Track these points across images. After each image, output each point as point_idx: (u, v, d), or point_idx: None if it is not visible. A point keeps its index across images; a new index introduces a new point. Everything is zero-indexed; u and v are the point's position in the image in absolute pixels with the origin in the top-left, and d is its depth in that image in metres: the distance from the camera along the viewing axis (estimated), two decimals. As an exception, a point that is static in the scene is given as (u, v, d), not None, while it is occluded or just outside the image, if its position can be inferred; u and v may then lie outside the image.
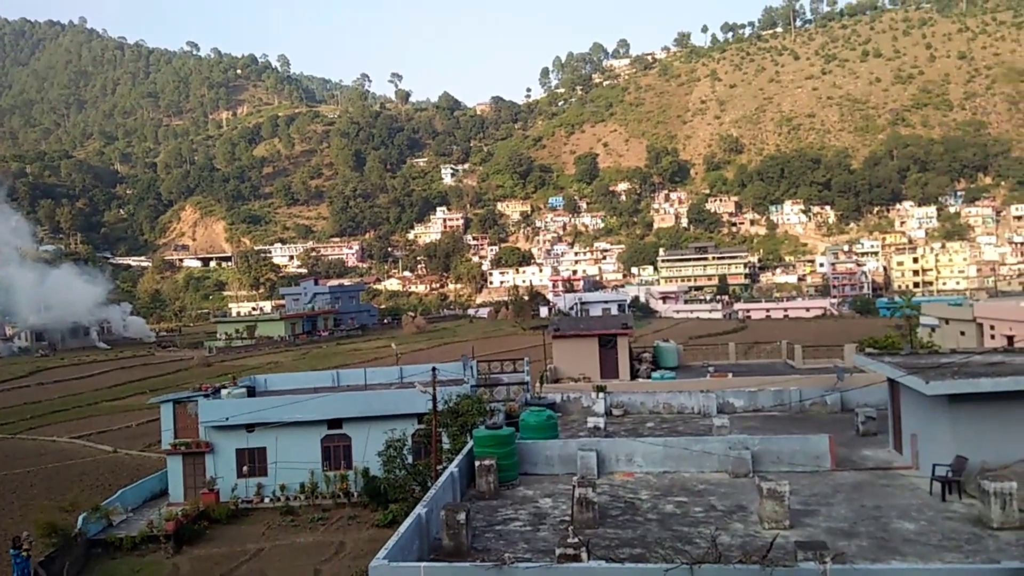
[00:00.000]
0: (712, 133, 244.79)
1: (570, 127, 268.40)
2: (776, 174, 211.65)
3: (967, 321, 60.93)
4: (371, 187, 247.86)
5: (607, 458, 20.27)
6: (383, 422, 34.57)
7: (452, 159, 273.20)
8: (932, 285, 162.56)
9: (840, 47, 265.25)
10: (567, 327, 47.00)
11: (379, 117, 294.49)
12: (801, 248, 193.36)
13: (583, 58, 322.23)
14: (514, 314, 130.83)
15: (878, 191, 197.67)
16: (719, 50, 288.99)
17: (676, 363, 45.99)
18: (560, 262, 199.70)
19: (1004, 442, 16.52)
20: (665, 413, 29.97)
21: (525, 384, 39.07)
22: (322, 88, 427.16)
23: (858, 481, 18.02)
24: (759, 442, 19.93)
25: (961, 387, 16.56)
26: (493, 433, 20.20)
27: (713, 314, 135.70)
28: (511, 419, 25.23)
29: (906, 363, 19.85)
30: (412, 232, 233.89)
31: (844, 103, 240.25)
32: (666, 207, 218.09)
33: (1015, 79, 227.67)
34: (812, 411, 28.36)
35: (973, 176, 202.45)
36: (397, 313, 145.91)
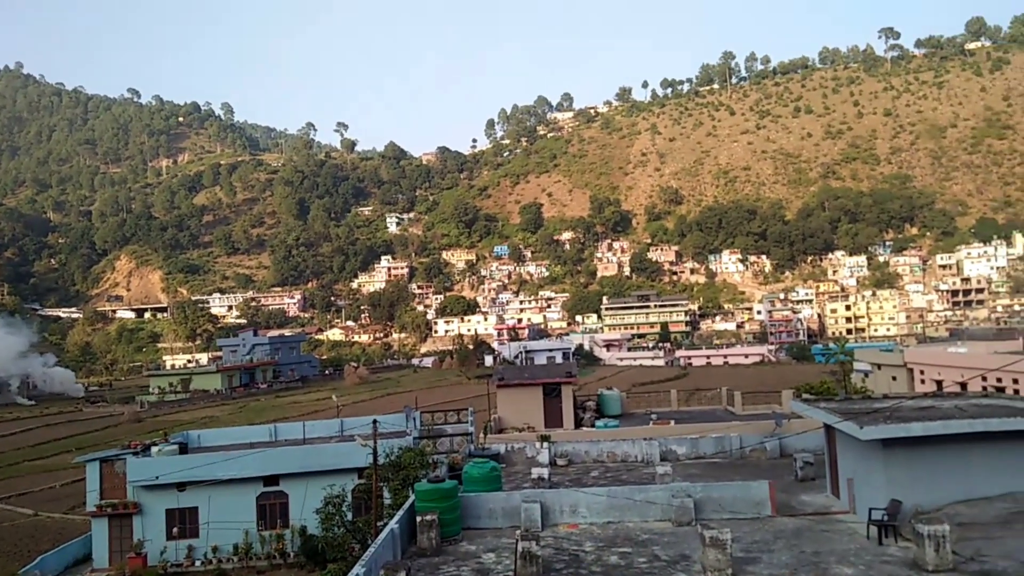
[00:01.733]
0: (653, 184, 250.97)
1: (515, 177, 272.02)
2: (714, 224, 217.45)
3: (898, 367, 62.79)
4: (314, 236, 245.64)
5: (551, 509, 20.00)
6: (322, 477, 33.54)
7: (397, 208, 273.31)
8: (864, 331, 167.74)
9: (773, 103, 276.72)
10: (512, 376, 46.78)
11: (324, 166, 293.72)
12: (739, 296, 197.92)
13: (528, 110, 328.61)
14: (459, 363, 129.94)
15: (811, 241, 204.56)
16: (659, 105, 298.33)
17: (620, 411, 46.10)
18: (505, 310, 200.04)
19: (936, 485, 16.88)
20: (609, 462, 29.85)
21: (469, 435, 38.58)
22: (266, 136, 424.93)
23: (798, 527, 18.13)
24: (701, 490, 19.96)
25: (894, 432, 16.92)
26: (435, 487, 19.75)
27: (656, 361, 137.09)
28: (454, 471, 24.79)
29: (841, 409, 20.24)
30: (356, 281, 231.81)
31: (778, 157, 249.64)
32: (609, 256, 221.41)
33: (937, 135, 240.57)
34: (752, 457, 28.63)
35: (900, 227, 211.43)
36: (339, 363, 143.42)
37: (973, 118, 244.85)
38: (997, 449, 16.96)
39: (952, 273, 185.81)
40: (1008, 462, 16.89)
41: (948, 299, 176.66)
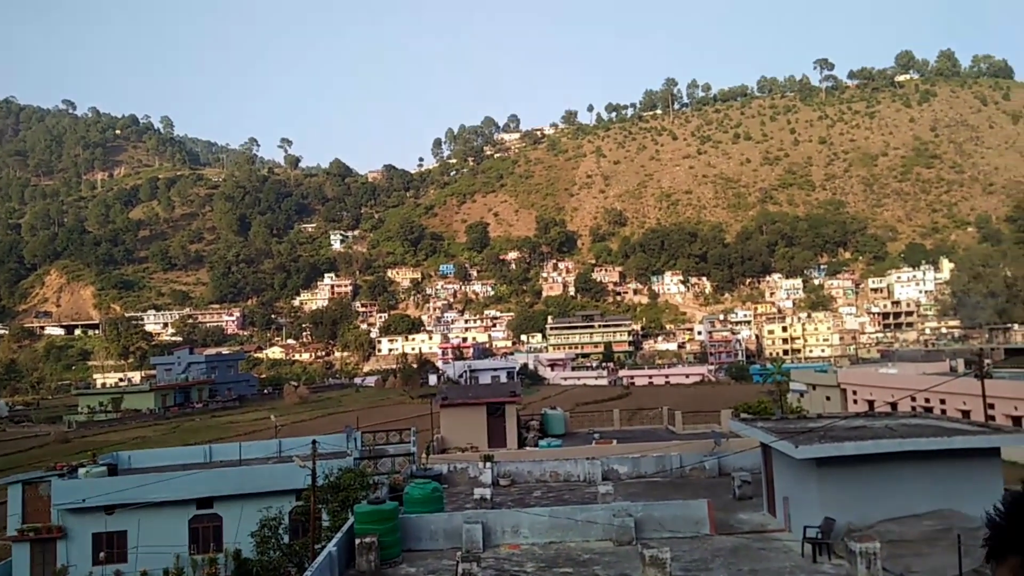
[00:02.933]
0: (597, 206, 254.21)
1: (462, 196, 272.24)
2: (657, 246, 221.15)
3: (832, 387, 64.64)
4: (255, 252, 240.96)
5: (493, 530, 19.86)
6: (258, 500, 32.58)
7: (342, 225, 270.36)
8: (800, 352, 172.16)
9: (714, 129, 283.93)
10: (455, 395, 46.51)
11: (267, 182, 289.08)
12: (681, 317, 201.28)
13: (475, 131, 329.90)
14: (402, 382, 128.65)
15: (750, 264, 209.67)
16: (603, 128, 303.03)
17: (563, 430, 46.22)
18: (450, 329, 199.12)
19: (868, 503, 17.33)
20: (552, 481, 29.85)
21: (411, 455, 38.13)
22: (207, 151, 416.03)
23: (736, 545, 18.38)
24: (642, 509, 20.10)
25: (827, 451, 17.35)
26: (375, 508, 19.46)
27: (599, 380, 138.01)
28: (395, 492, 24.45)
29: (777, 428, 20.68)
30: (298, 299, 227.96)
31: (718, 181, 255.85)
32: (554, 276, 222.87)
33: (868, 163, 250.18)
34: (692, 476, 28.98)
35: (834, 251, 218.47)
36: (279, 383, 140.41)
37: (903, 147, 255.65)
38: (925, 467, 17.53)
39: (883, 296, 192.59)
40: (935, 480, 17.46)
41: (879, 321, 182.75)
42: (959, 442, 17.82)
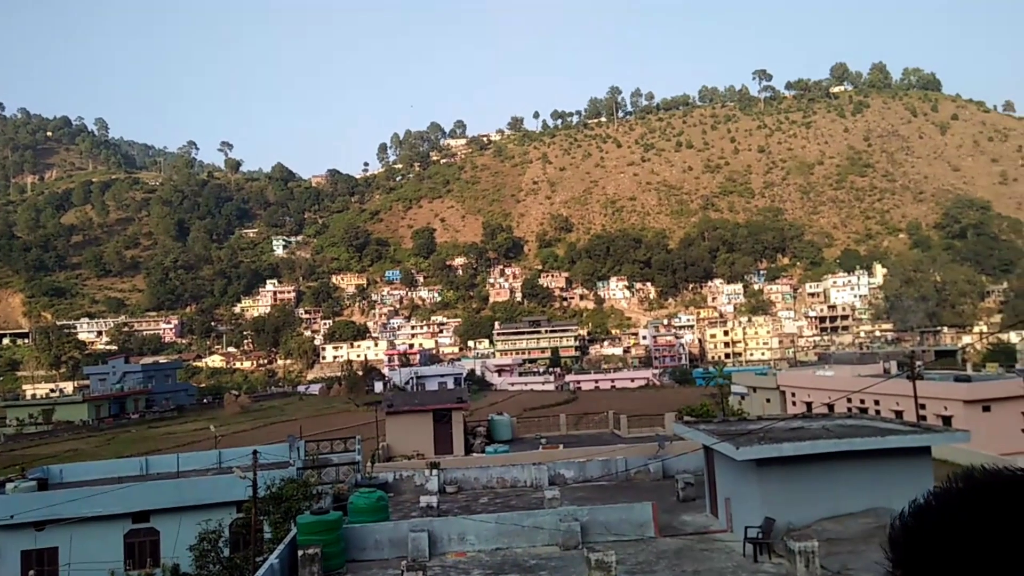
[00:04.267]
0: (544, 212, 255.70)
1: (408, 202, 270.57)
2: (602, 252, 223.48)
3: (772, 389, 66.18)
4: (194, 258, 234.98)
5: (439, 538, 19.72)
6: (197, 512, 31.70)
7: (285, 231, 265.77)
8: (741, 356, 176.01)
9: (657, 138, 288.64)
10: (401, 403, 46.10)
11: (206, 186, 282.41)
12: (626, 322, 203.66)
13: (421, 136, 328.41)
14: (347, 390, 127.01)
15: (692, 269, 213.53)
16: (549, 135, 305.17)
17: (510, 436, 46.24)
18: (396, 336, 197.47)
19: (806, 502, 17.74)
20: (499, 487, 29.80)
21: (356, 464, 37.60)
22: (144, 154, 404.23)
23: (679, 547, 18.61)
24: (587, 513, 20.20)
25: (767, 452, 17.71)
26: (318, 519, 19.12)
27: (546, 386, 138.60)
28: (340, 502, 24.09)
29: (719, 431, 21.03)
30: (239, 305, 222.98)
31: (661, 188, 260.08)
32: (501, 282, 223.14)
33: (805, 171, 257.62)
34: (637, 479, 29.28)
35: (773, 257, 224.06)
36: (219, 392, 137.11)
37: (837, 156, 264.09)
38: (860, 467, 18.04)
39: (820, 301, 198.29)
40: (870, 479, 17.98)
41: (816, 325, 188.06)
42: (892, 442, 18.41)
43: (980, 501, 0.95)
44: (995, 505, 0.95)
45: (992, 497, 0.96)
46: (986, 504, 0.95)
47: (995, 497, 0.96)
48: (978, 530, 0.91)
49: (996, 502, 0.95)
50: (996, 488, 0.98)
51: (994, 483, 0.99)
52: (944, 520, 0.95)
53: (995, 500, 0.96)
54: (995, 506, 0.94)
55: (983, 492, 0.97)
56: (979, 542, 0.89)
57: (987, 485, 0.98)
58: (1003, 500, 0.95)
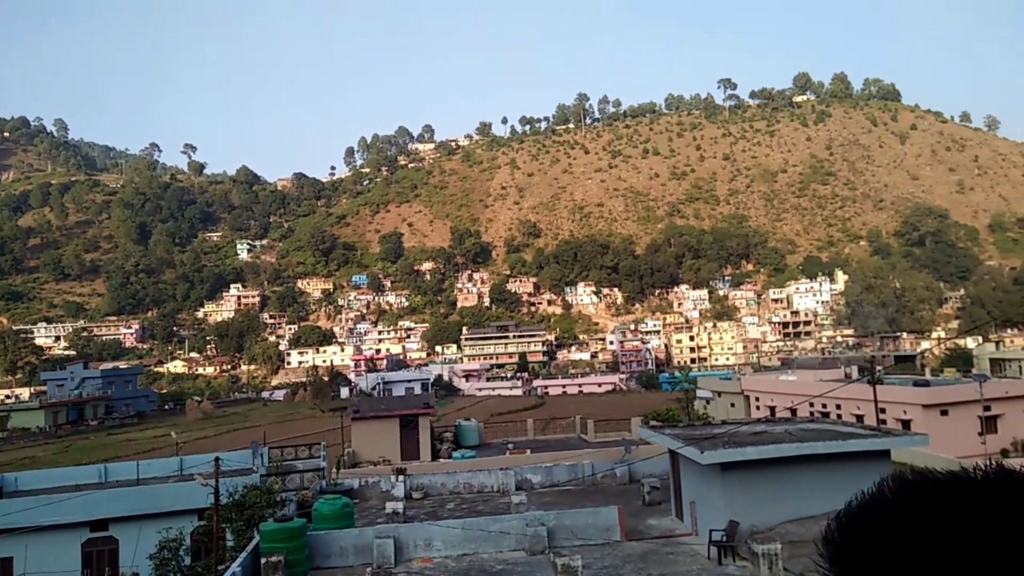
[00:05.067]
0: (512, 217, 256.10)
1: (375, 206, 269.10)
2: (570, 258, 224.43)
3: (736, 394, 66.97)
4: (156, 262, 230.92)
5: (405, 544, 19.58)
6: (157, 520, 31.07)
7: (249, 234, 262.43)
8: (706, 361, 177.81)
9: (624, 144, 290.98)
10: (367, 408, 45.74)
11: (169, 188, 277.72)
12: (593, 327, 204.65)
13: (389, 140, 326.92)
14: (313, 396, 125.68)
15: (659, 275, 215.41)
16: (518, 141, 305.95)
17: (477, 441, 46.14)
18: (363, 341, 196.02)
19: (769, 505, 17.96)
20: (466, 493, 29.71)
21: (321, 470, 37.22)
22: (105, 156, 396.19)
23: (645, 551, 18.70)
24: (554, 518, 20.21)
25: (731, 456, 17.90)
26: (282, 526, 18.86)
27: (514, 391, 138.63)
28: (304, 509, 23.81)
29: (684, 435, 21.21)
30: (202, 310, 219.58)
31: (628, 195, 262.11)
32: (469, 287, 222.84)
33: (769, 179, 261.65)
34: (603, 483, 29.40)
35: (738, 263, 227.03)
36: (181, 398, 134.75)
37: (800, 164, 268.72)
38: (822, 470, 18.31)
39: (783, 306, 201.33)
40: (831, 482, 18.24)
41: (780, 330, 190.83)
42: (853, 445, 18.73)
43: (908, 502, 1.00)
44: (921, 505, 0.99)
45: (919, 498, 1.01)
46: (913, 504, 1.00)
47: (922, 498, 1.01)
48: (905, 529, 0.96)
49: (922, 502, 1.00)
50: (923, 489, 1.03)
51: (922, 484, 1.03)
52: (874, 520, 1.01)
53: (922, 500, 1.01)
54: (921, 506, 0.99)
55: (912, 493, 1.03)
56: (905, 540, 0.94)
57: (916, 486, 1.03)
58: (928, 500, 1.00)
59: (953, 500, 0.96)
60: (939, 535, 0.92)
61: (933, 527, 0.94)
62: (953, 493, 0.98)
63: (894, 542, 0.95)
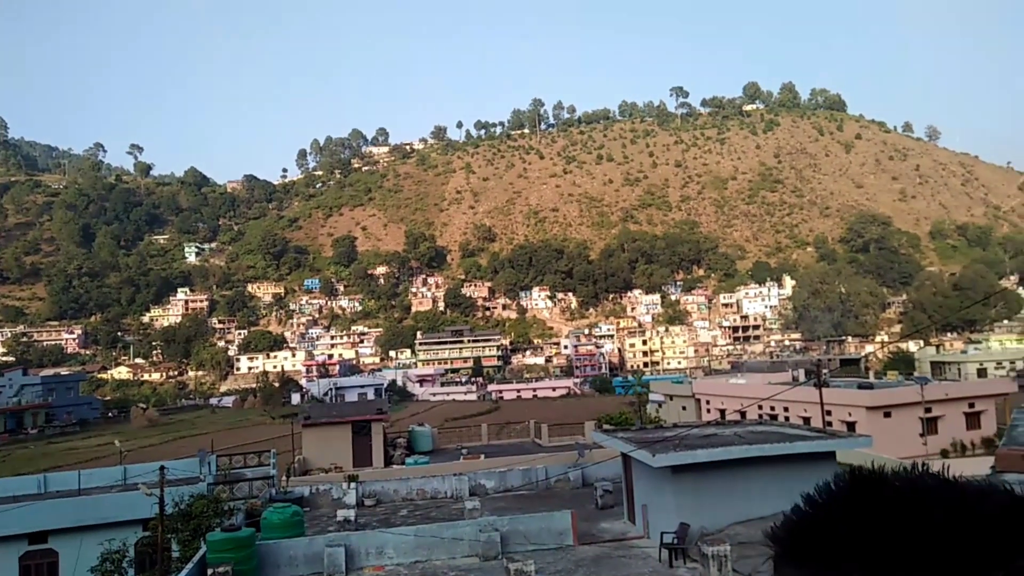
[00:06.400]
0: (467, 222, 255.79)
1: (328, 209, 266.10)
2: (525, 262, 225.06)
3: (687, 397, 67.86)
4: (100, 265, 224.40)
5: (357, 553, 19.34)
6: (100, 532, 30.17)
7: (198, 237, 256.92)
8: (659, 364, 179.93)
9: (578, 150, 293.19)
10: (319, 414, 45.12)
11: (114, 190, 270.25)
12: (548, 331, 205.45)
13: (342, 143, 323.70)
14: (263, 402, 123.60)
15: (612, 280, 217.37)
16: (473, 145, 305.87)
17: (431, 447, 45.88)
18: (315, 346, 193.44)
19: (719, 507, 18.21)
20: (419, 499, 29.50)
21: (271, 478, 36.55)
22: (47, 156, 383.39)
23: (598, 554, 18.79)
24: (508, 523, 20.18)
25: (682, 459, 18.11)
26: (229, 536, 18.47)
27: (468, 396, 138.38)
28: (253, 518, 23.36)
29: (636, 438, 21.39)
30: (148, 315, 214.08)
31: (583, 200, 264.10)
32: (424, 291, 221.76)
33: (720, 186, 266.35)
34: (557, 488, 29.48)
35: (689, 268, 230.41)
36: (125, 405, 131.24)
37: (750, 172, 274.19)
38: (770, 472, 18.64)
39: (733, 311, 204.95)
40: (779, 483, 18.58)
41: (730, 335, 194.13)
42: (800, 447, 19.12)
43: (851, 499, 1.08)
44: (863, 503, 1.06)
45: (862, 495, 1.08)
46: (858, 502, 1.06)
47: (864, 495, 1.08)
48: (849, 526, 1.03)
49: (864, 500, 1.07)
50: (866, 487, 1.10)
51: (867, 482, 1.11)
52: (820, 517, 1.07)
53: (864, 498, 1.08)
54: (863, 503, 1.06)
55: (855, 491, 1.10)
56: (848, 536, 1.01)
57: (860, 484, 1.11)
58: (869, 498, 1.07)
59: (892, 498, 1.03)
60: (881, 531, 0.98)
61: (876, 523, 1.00)
62: (893, 492, 1.05)
63: (839, 538, 1.01)
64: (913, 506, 0.99)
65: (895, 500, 1.02)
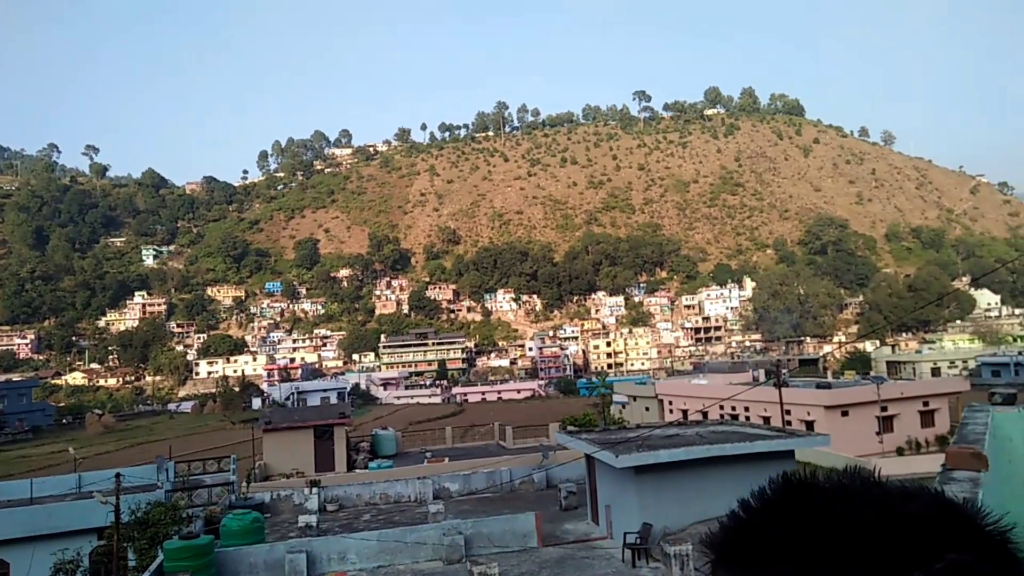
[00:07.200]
0: (431, 224, 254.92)
1: (290, 211, 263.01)
2: (490, 264, 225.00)
3: (650, 398, 68.40)
4: (54, 268, 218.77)
5: (318, 558, 19.12)
6: (53, 541, 29.36)
7: (156, 240, 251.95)
8: (623, 366, 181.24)
9: (543, 153, 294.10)
10: (280, 419, 44.54)
11: (68, 191, 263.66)
12: (513, 333, 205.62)
13: (304, 144, 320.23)
14: (223, 407, 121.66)
15: (577, 282, 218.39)
16: (437, 147, 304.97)
17: (395, 451, 45.58)
18: (277, 350, 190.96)
19: (681, 507, 18.36)
20: (382, 504, 29.28)
21: (230, 484, 35.95)
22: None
23: (561, 556, 18.83)
24: (471, 526, 20.12)
25: (644, 459, 18.23)
26: (187, 544, 18.12)
27: (433, 399, 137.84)
28: (212, 525, 22.96)
29: (600, 439, 21.49)
30: (103, 319, 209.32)
31: (547, 203, 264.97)
32: (388, 294, 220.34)
33: (682, 189, 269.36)
34: (521, 490, 29.49)
35: (652, 270, 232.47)
36: (80, 411, 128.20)
37: (711, 175, 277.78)
38: (730, 471, 18.86)
39: (695, 312, 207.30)
40: (739, 482, 18.74)
41: (692, 336, 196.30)
42: (760, 446, 19.37)
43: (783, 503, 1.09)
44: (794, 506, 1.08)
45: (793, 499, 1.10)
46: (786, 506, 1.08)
47: (795, 499, 1.10)
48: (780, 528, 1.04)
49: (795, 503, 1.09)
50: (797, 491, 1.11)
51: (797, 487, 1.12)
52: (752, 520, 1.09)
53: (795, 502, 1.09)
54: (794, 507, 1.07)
55: (787, 495, 1.11)
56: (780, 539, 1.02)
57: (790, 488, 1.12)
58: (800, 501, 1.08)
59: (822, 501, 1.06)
60: (811, 533, 1.01)
61: (806, 526, 1.03)
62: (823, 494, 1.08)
63: (772, 542, 1.03)
64: (841, 508, 1.03)
65: (824, 503, 1.05)
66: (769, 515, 1.08)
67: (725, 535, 1.11)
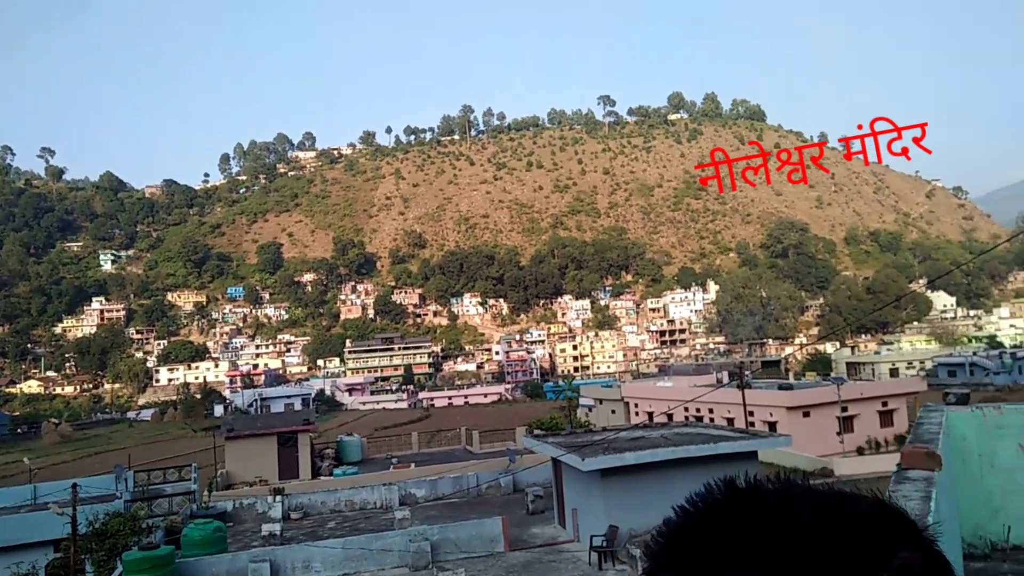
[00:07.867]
0: (397, 228, 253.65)
1: (252, 215, 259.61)
2: (456, 268, 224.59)
3: (616, 401, 68.84)
4: (8, 273, 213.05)
5: (282, 568, 18.88)
6: (7, 554, 28.60)
7: (114, 244, 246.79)
8: (589, 369, 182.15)
9: (509, 157, 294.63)
10: (242, 426, 43.89)
11: (23, 195, 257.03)
12: (479, 337, 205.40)
13: (267, 147, 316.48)
14: (183, 415, 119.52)
15: (543, 286, 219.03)
16: (403, 151, 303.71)
17: (360, 457, 45.21)
18: (239, 356, 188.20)
19: (647, 509, 18.48)
20: (347, 511, 29.02)
21: (192, 494, 35.31)
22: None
23: (528, 560, 18.83)
24: (438, 532, 20.04)
25: (610, 462, 18.32)
26: (147, 555, 17.75)
27: (399, 404, 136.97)
28: (173, 535, 22.53)
29: (566, 443, 21.55)
30: (60, 325, 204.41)
31: (513, 206, 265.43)
32: (353, 298, 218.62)
33: (646, 193, 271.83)
34: (488, 494, 29.44)
35: (618, 274, 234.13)
36: (36, 420, 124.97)
37: (675, 180, 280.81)
38: (695, 472, 19.03)
39: (660, 315, 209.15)
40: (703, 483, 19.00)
41: (657, 338, 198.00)
42: (723, 447, 19.59)
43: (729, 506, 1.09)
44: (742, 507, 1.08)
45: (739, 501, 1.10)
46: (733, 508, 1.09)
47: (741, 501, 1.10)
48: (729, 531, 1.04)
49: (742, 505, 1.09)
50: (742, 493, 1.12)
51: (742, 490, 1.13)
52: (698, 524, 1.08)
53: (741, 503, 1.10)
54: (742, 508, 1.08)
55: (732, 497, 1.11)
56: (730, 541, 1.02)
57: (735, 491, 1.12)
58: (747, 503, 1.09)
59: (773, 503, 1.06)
60: (768, 535, 1.01)
61: (755, 527, 1.03)
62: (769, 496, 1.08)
63: (721, 544, 1.02)
64: (788, 509, 1.04)
65: (772, 504, 1.06)
66: (716, 518, 1.08)
67: (667, 540, 1.08)
